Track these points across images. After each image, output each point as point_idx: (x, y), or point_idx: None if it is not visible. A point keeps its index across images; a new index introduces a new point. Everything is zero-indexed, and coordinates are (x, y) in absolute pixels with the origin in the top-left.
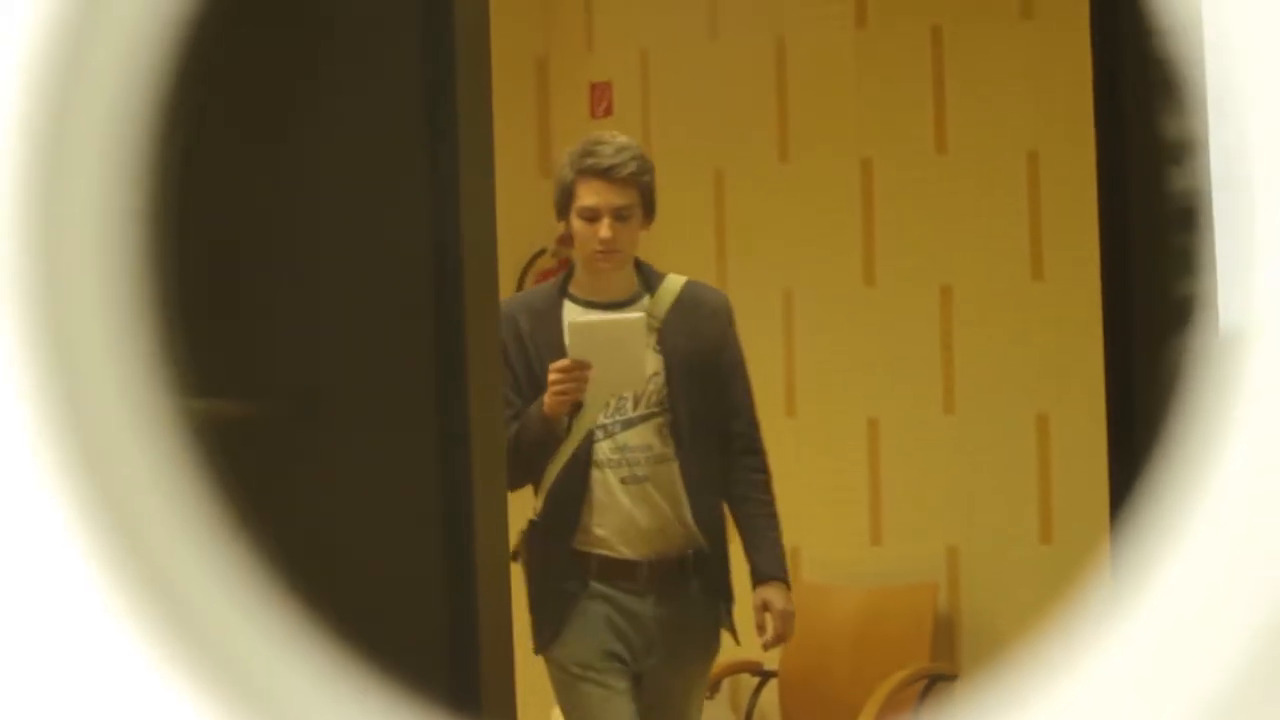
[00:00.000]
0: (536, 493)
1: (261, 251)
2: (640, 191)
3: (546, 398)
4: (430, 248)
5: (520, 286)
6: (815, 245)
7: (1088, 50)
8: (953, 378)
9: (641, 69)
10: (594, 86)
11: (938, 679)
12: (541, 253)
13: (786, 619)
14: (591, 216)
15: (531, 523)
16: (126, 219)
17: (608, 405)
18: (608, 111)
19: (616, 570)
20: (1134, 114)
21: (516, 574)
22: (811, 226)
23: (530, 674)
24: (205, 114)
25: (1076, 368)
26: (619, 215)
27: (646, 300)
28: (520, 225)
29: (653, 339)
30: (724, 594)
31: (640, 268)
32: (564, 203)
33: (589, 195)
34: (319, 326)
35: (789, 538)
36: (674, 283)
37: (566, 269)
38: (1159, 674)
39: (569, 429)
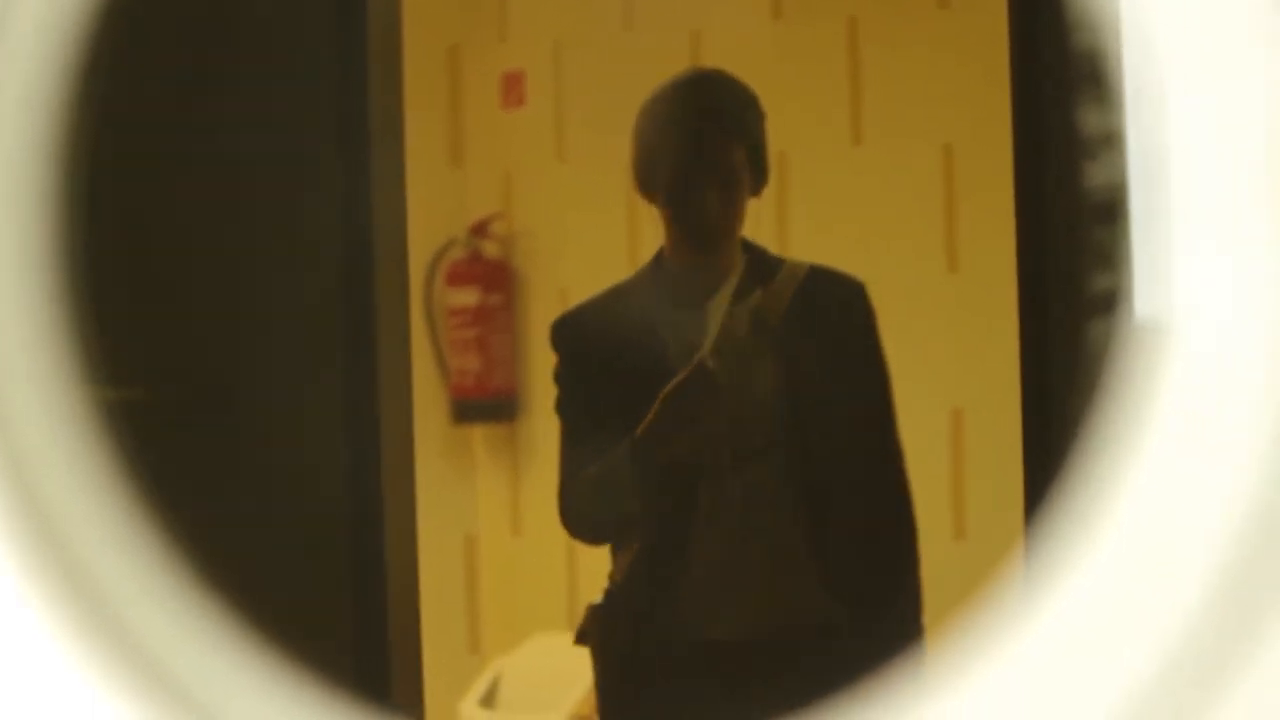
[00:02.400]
0: (615, 550)
1: (171, 240)
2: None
3: (647, 433)
4: (340, 236)
5: (431, 279)
6: None
7: (1005, 42)
8: None
9: (554, 59)
10: (506, 76)
11: None
12: (452, 243)
13: None
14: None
15: (609, 593)
16: (40, 205)
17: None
18: (520, 101)
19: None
20: (1051, 107)
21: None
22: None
23: (439, 664)
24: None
25: (992, 361)
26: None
27: (758, 294)
28: (430, 215)
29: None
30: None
31: (748, 250)
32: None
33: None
34: (229, 315)
35: None
36: (795, 270)
37: (658, 257)
38: (1074, 670)
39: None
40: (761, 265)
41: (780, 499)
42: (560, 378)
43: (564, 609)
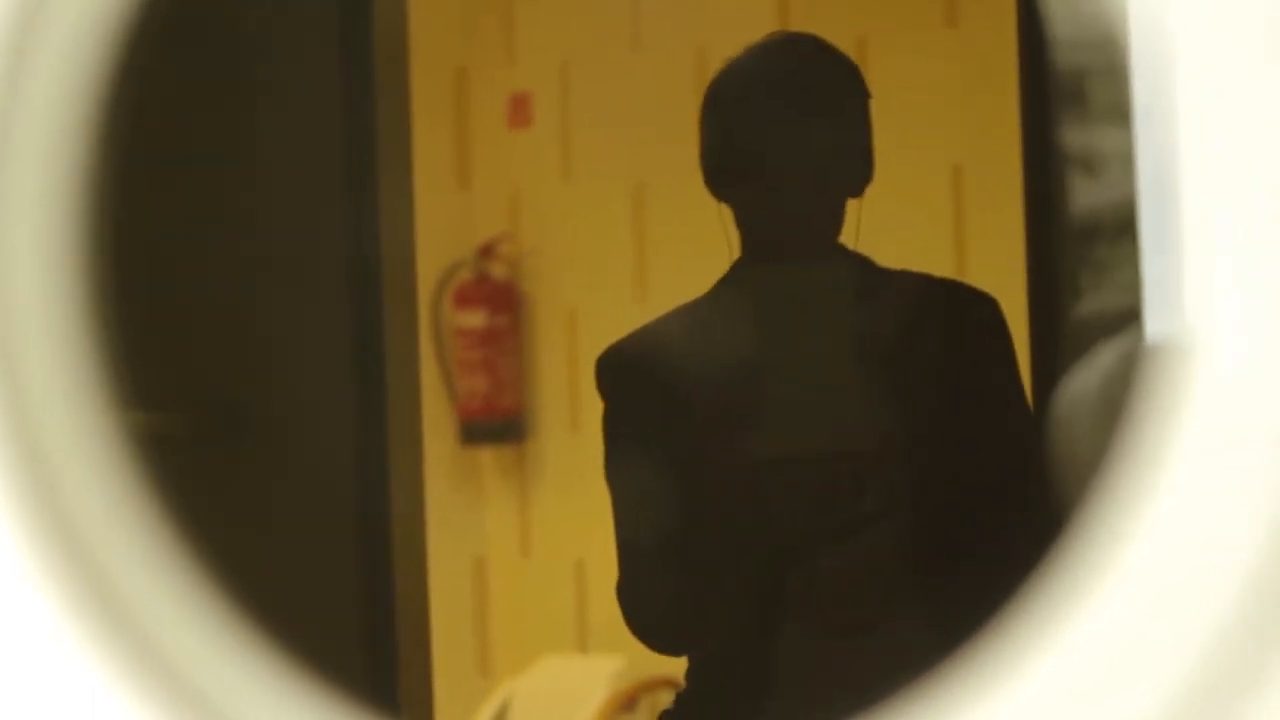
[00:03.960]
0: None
1: (183, 266)
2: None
3: (719, 498)
4: (349, 258)
5: (437, 302)
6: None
7: (1014, 61)
8: None
9: (562, 80)
10: (513, 97)
11: None
12: (459, 265)
13: None
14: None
15: (679, 701)
16: (68, 228)
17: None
18: (527, 122)
19: None
20: (1060, 126)
21: (443, 590)
22: (734, 240)
23: (449, 686)
24: (132, 130)
25: None
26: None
27: (862, 314)
28: (437, 236)
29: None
30: None
31: (848, 258)
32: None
33: None
34: (238, 338)
35: None
36: (910, 283)
37: (732, 272)
38: (1099, 693)
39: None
40: (866, 277)
41: (896, 581)
42: (609, 427)
43: (573, 630)
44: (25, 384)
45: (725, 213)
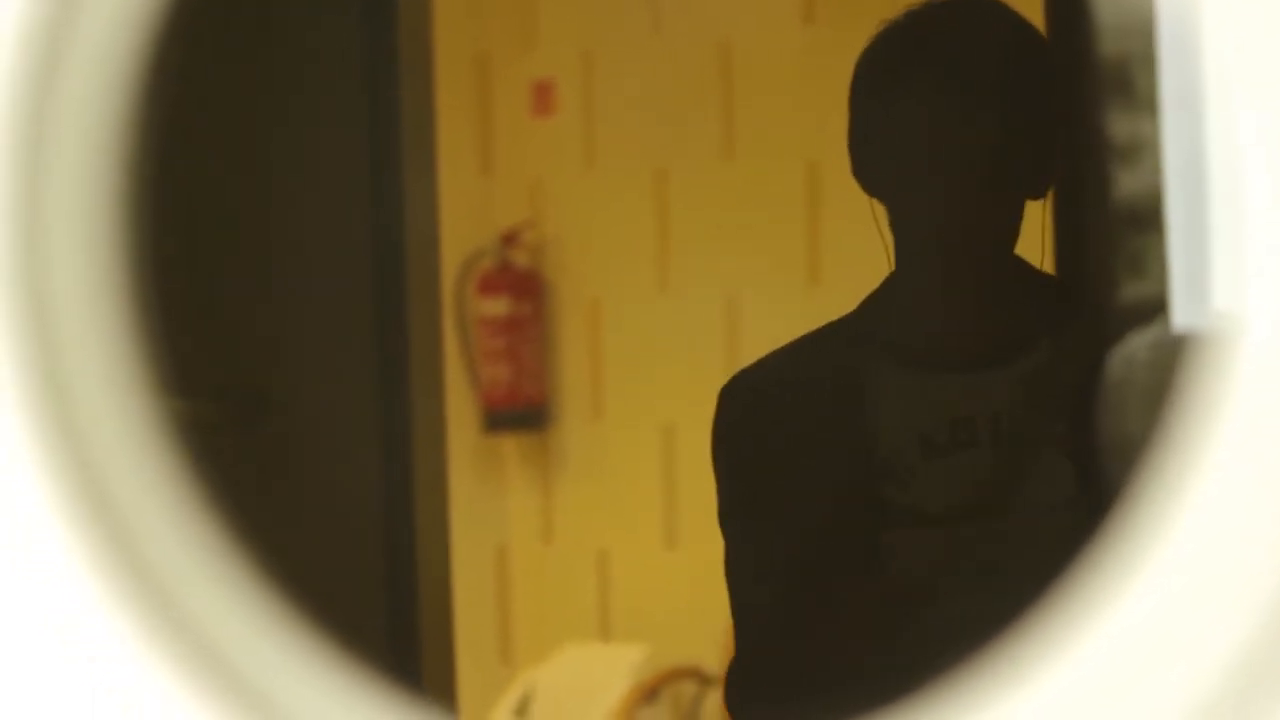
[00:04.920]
0: None
1: (209, 255)
2: None
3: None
4: (373, 246)
5: (461, 290)
6: (760, 245)
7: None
8: None
9: (584, 67)
10: (536, 84)
11: None
12: (482, 253)
13: None
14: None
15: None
16: (105, 217)
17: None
18: (549, 110)
19: None
20: (1087, 115)
21: (466, 578)
22: (756, 227)
23: (471, 674)
24: (162, 121)
25: None
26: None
27: (1045, 348)
28: (460, 224)
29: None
30: None
31: (1027, 278)
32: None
33: None
34: (265, 328)
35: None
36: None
37: (884, 288)
38: (1130, 691)
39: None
40: (1049, 300)
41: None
42: (726, 478)
43: (595, 618)
44: (65, 374)
45: (879, 211)
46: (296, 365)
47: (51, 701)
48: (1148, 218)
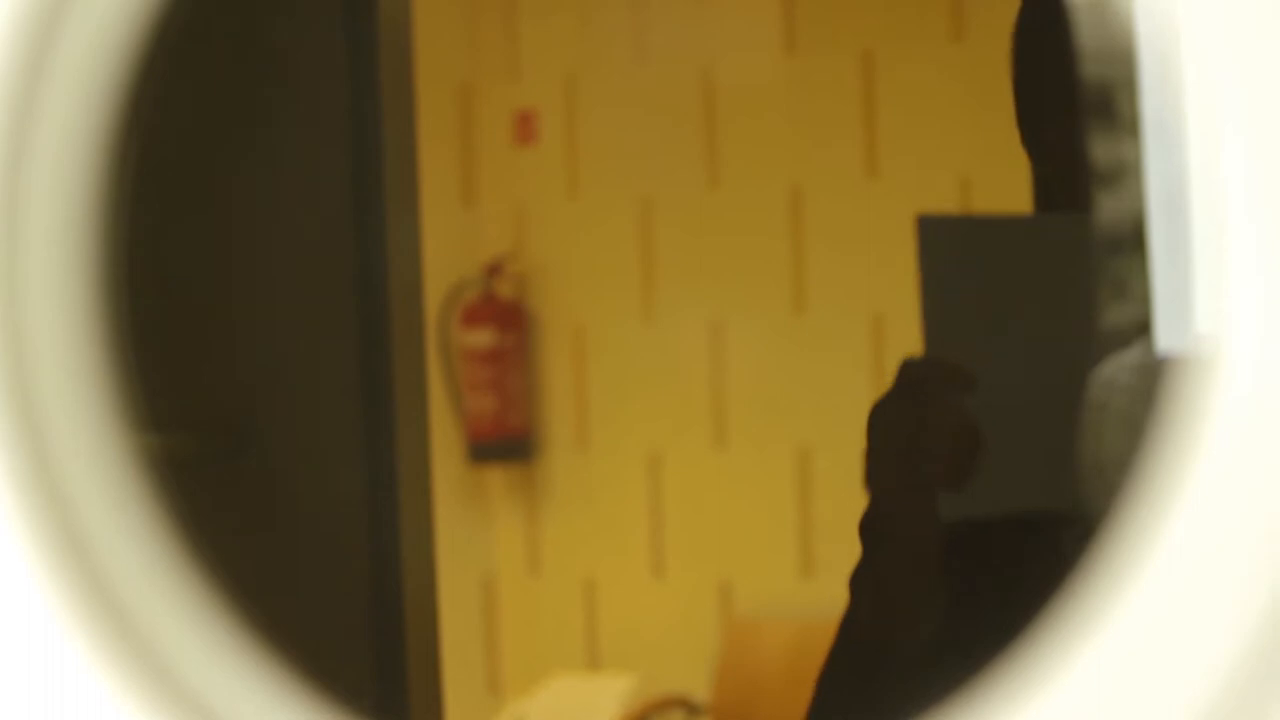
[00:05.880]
0: None
1: (187, 287)
2: None
3: None
4: (355, 280)
5: (445, 321)
6: (744, 273)
7: None
8: None
9: (567, 96)
10: (518, 114)
11: None
12: (465, 283)
13: None
14: None
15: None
16: (82, 248)
17: None
18: (532, 138)
19: None
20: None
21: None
22: (741, 255)
23: (459, 705)
24: (141, 152)
25: None
26: None
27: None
28: (443, 255)
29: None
30: None
31: None
32: None
33: None
34: (243, 359)
35: (720, 571)
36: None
37: None
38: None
39: None
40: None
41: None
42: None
43: (583, 648)
44: (38, 405)
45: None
46: (279, 398)
47: None
48: (1129, 241)
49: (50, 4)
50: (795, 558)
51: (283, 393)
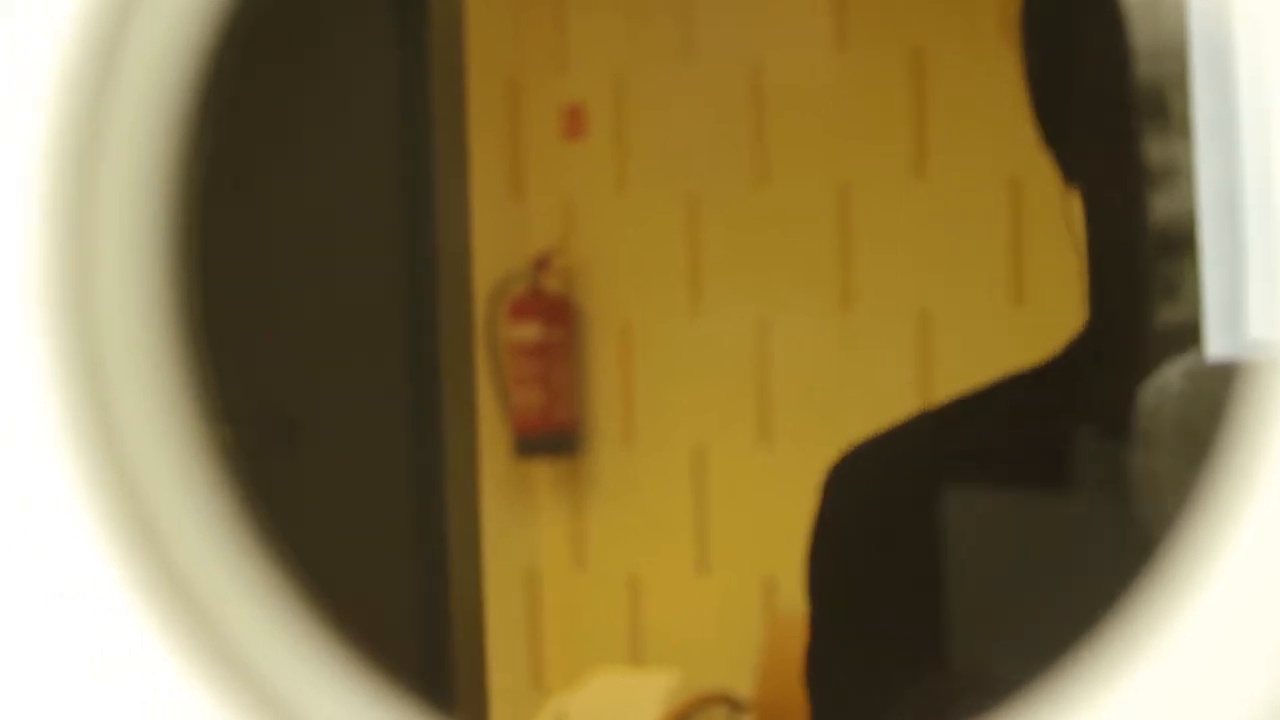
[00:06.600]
0: None
1: (240, 281)
2: None
3: None
4: (404, 274)
5: (492, 315)
6: (791, 270)
7: None
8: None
9: (615, 91)
10: (567, 108)
11: None
12: (513, 277)
13: None
14: None
15: None
16: (155, 241)
17: None
18: (580, 133)
19: None
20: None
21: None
22: (787, 252)
23: (503, 700)
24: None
25: None
26: None
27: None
28: (491, 249)
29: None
30: None
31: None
32: None
33: None
34: (295, 353)
35: (764, 567)
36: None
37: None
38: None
39: None
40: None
41: None
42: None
43: (626, 644)
44: (112, 399)
45: (1078, 212)
46: (327, 391)
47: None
48: (1182, 243)
49: (121, 3)
50: None
51: (331, 386)
